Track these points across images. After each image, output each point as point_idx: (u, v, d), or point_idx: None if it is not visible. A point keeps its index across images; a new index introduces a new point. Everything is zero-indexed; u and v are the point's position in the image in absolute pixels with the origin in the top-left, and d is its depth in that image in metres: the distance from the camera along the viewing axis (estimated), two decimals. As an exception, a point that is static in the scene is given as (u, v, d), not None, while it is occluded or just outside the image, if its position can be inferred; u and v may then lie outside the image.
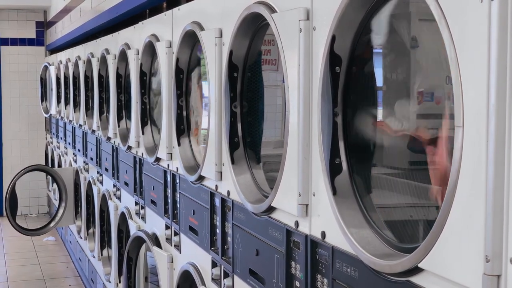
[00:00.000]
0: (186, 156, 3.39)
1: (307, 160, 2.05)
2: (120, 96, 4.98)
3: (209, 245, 2.99)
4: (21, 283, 7.29)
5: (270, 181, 2.52)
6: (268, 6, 2.30)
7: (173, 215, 3.63)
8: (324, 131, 1.94)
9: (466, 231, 1.36)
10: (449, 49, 1.39)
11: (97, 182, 6.11)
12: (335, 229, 1.88)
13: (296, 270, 2.14)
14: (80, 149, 6.99)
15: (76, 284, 7.27)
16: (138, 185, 4.44)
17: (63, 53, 8.30)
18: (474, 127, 1.33)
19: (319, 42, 1.96)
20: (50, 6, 10.01)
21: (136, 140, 4.35)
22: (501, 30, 1.26)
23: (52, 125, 9.56)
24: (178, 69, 3.42)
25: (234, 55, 2.63)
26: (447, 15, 1.40)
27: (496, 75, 1.27)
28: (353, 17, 1.84)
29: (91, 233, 6.65)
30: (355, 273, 1.82)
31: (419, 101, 1.79)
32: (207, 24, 3.01)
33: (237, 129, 2.68)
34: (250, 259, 2.53)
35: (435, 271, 1.46)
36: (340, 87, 1.92)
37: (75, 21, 7.39)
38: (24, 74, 10.58)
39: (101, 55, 5.48)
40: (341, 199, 1.89)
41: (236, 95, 2.67)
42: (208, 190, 2.98)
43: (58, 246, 8.91)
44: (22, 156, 10.56)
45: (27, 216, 10.49)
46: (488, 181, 1.29)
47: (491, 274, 1.29)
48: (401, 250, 1.70)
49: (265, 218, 2.37)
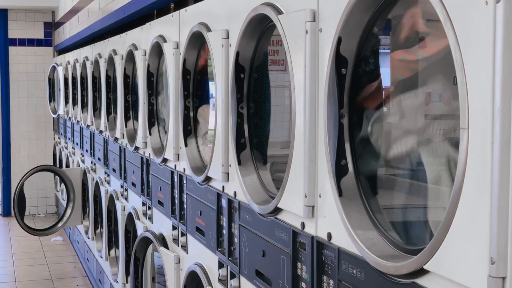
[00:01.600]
0: (193, 157, 3.40)
1: (313, 161, 2.05)
2: (128, 96, 4.99)
3: (215, 246, 3.00)
4: (29, 283, 7.31)
5: (277, 182, 2.53)
6: (275, 7, 2.30)
7: (180, 215, 3.64)
8: (330, 133, 1.94)
9: (471, 233, 1.36)
10: (454, 51, 1.39)
11: (104, 183, 6.12)
12: (341, 230, 1.88)
13: (302, 271, 2.14)
14: (88, 149, 7.00)
15: (83, 284, 7.28)
16: (145, 186, 4.45)
17: (71, 54, 8.32)
18: (479, 129, 1.33)
19: (325, 44, 1.97)
20: (58, 7, 10.03)
21: (143, 141, 4.36)
22: (506, 32, 1.26)
23: (60, 126, 9.59)
24: (185, 70, 3.43)
25: (240, 56, 2.63)
26: (452, 17, 1.40)
27: (501, 77, 1.27)
28: (359, 19, 1.84)
29: (98, 233, 6.66)
30: (361, 275, 1.82)
31: (426, 101, 1.79)
32: (214, 25, 3.01)
33: (244, 130, 2.68)
34: (256, 260, 2.53)
35: (441, 273, 1.46)
36: (346, 88, 1.92)
37: (83, 21, 7.40)
38: (32, 75, 10.61)
39: (109, 55, 5.49)
40: (347, 200, 1.89)
41: (243, 96, 2.68)
42: (215, 191, 2.98)
43: (65, 246, 8.93)
44: (30, 156, 10.59)
45: (35, 216, 10.52)
46: (493, 183, 1.29)
47: (496, 276, 1.29)
48: (407, 252, 1.70)
49: (271, 219, 2.37)
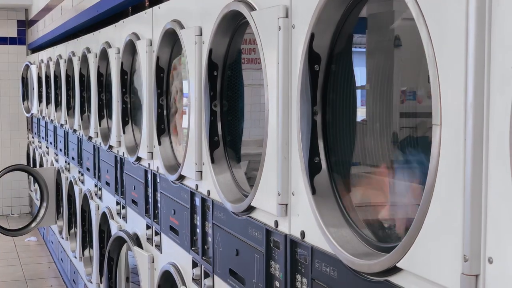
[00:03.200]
0: (167, 156, 3.37)
1: (286, 159, 2.03)
2: (102, 95, 4.94)
3: (189, 245, 2.97)
4: (2, 284, 7.22)
5: (252, 180, 2.51)
6: (248, 4, 2.28)
7: (154, 214, 3.61)
8: (303, 130, 1.92)
9: (444, 231, 1.35)
10: (427, 47, 1.38)
11: (78, 182, 6.07)
12: (315, 228, 1.86)
13: (276, 270, 2.13)
14: (62, 148, 6.94)
15: (58, 285, 7.22)
16: (119, 185, 4.41)
17: (44, 52, 8.24)
18: (452, 125, 1.32)
19: (298, 40, 1.95)
20: (31, 5, 9.93)
21: (117, 140, 4.32)
22: (478, 27, 1.25)
23: (34, 125, 9.49)
24: (159, 67, 3.40)
25: (214, 54, 2.61)
26: (424, 13, 1.39)
27: (474, 73, 1.26)
28: (332, 15, 1.83)
29: (72, 233, 6.60)
30: (334, 273, 1.81)
31: (401, 99, 1.78)
32: (187, 22, 2.99)
33: (217, 128, 2.66)
34: (230, 259, 2.51)
35: (414, 271, 1.45)
36: (320, 85, 1.91)
37: (56, 19, 7.33)
38: (5, 73, 10.50)
39: (82, 54, 5.44)
40: (321, 198, 1.87)
41: (216, 94, 2.66)
42: (189, 189, 2.96)
43: (39, 246, 8.85)
44: (4, 156, 10.47)
45: (8, 216, 10.41)
46: (466, 180, 1.28)
47: (469, 274, 1.28)
48: (380, 250, 1.69)
49: (245, 217, 2.35)
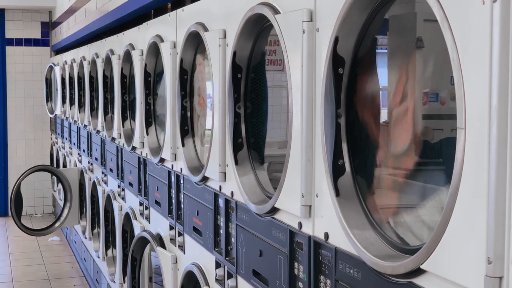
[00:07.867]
0: (190, 157, 3.40)
1: (310, 161, 2.05)
2: (125, 96, 4.99)
3: (213, 246, 3.00)
4: (26, 283, 7.30)
5: (274, 182, 2.52)
6: (272, 7, 2.30)
7: (177, 215, 3.64)
8: (327, 132, 1.93)
9: (468, 233, 1.36)
10: (451, 51, 1.39)
11: (101, 183, 6.12)
12: (338, 230, 1.88)
13: (299, 271, 2.14)
14: (85, 149, 7.00)
15: (81, 284, 7.28)
16: (143, 186, 4.44)
17: (68, 54, 8.31)
18: (476, 129, 1.33)
19: (322, 43, 1.96)
20: (55, 7, 10.02)
21: (141, 141, 4.36)
22: (503, 32, 1.26)
23: (57, 126, 9.58)
24: (182, 69, 3.43)
25: (237, 56, 2.63)
26: (449, 17, 1.40)
27: (498, 77, 1.27)
28: (357, 18, 1.84)
29: (95, 233, 6.66)
30: (358, 274, 1.82)
31: (424, 101, 1.79)
32: (211, 24, 3.01)
33: (241, 130, 2.68)
34: (253, 260, 2.53)
35: (437, 273, 1.46)
36: (343, 88, 1.92)
37: (80, 21, 7.40)
38: (29, 75, 10.60)
39: (106, 55, 5.48)
40: (344, 200, 1.89)
41: (240, 96, 2.68)
42: (212, 191, 2.98)
43: (63, 246, 8.92)
44: (27, 156, 10.58)
45: (32, 216, 10.51)
46: (490, 183, 1.29)
47: (493, 276, 1.29)
48: (404, 252, 1.70)
49: (268, 219, 2.37)
